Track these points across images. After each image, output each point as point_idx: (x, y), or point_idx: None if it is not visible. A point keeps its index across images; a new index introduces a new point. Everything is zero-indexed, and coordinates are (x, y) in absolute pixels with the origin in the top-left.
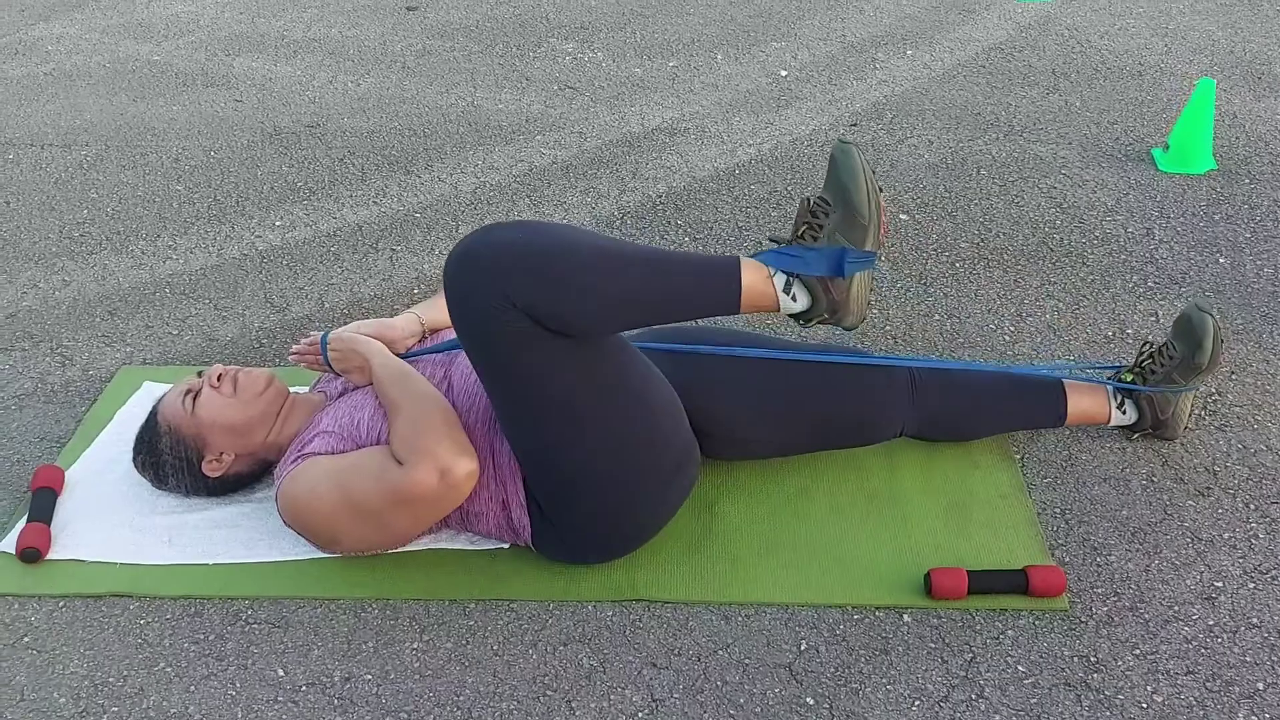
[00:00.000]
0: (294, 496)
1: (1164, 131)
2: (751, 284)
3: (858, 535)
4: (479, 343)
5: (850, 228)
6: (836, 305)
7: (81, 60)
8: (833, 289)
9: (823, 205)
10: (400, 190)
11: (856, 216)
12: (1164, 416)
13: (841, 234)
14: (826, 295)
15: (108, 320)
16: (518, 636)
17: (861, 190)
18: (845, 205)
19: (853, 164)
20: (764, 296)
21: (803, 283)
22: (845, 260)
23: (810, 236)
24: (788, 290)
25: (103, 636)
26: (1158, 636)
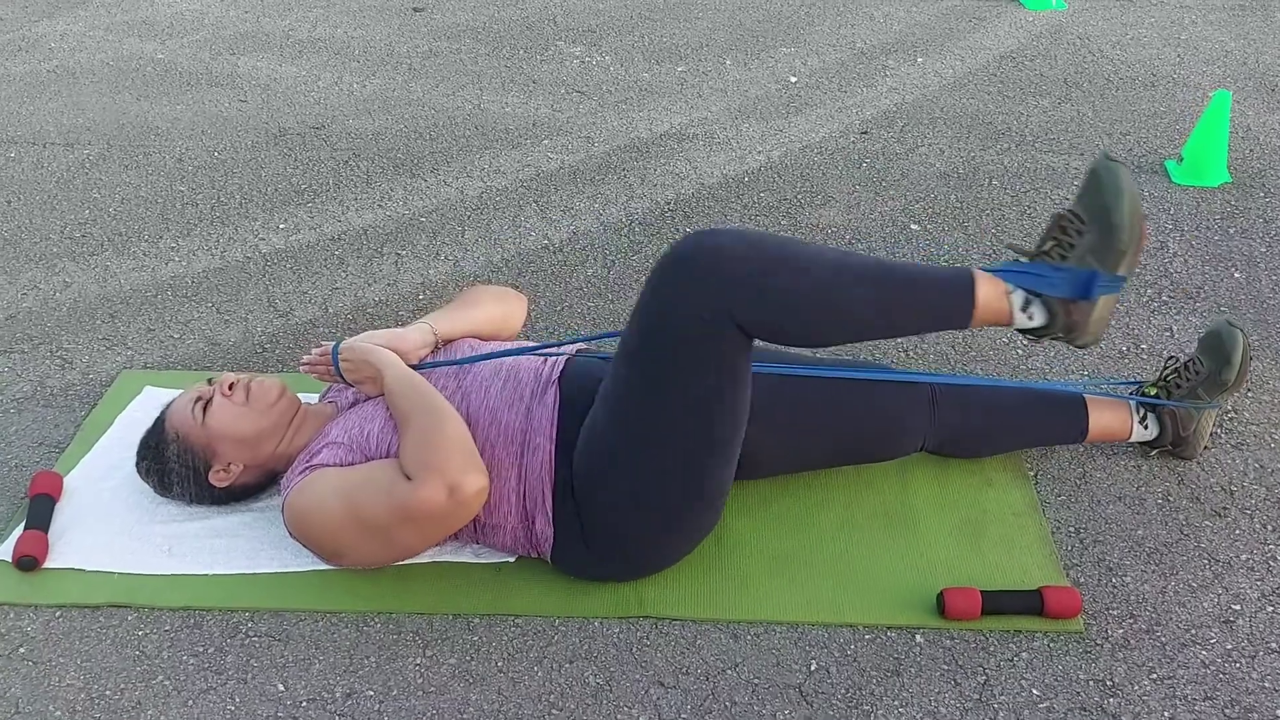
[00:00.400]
0: (300, 508)
1: (1177, 143)
2: (987, 300)
3: (869, 553)
4: (662, 348)
5: (1105, 251)
6: (1074, 326)
7: (85, 58)
8: (1074, 310)
9: (1075, 222)
10: (405, 194)
11: (1115, 240)
12: (1185, 433)
13: (1094, 256)
14: (1066, 315)
15: (109, 323)
16: (523, 653)
17: (1125, 213)
18: (1103, 226)
19: (1119, 184)
20: (998, 314)
21: (1043, 301)
22: (1095, 284)
23: (1058, 254)
24: (1025, 308)
25: (100, 648)
26: (1175, 660)
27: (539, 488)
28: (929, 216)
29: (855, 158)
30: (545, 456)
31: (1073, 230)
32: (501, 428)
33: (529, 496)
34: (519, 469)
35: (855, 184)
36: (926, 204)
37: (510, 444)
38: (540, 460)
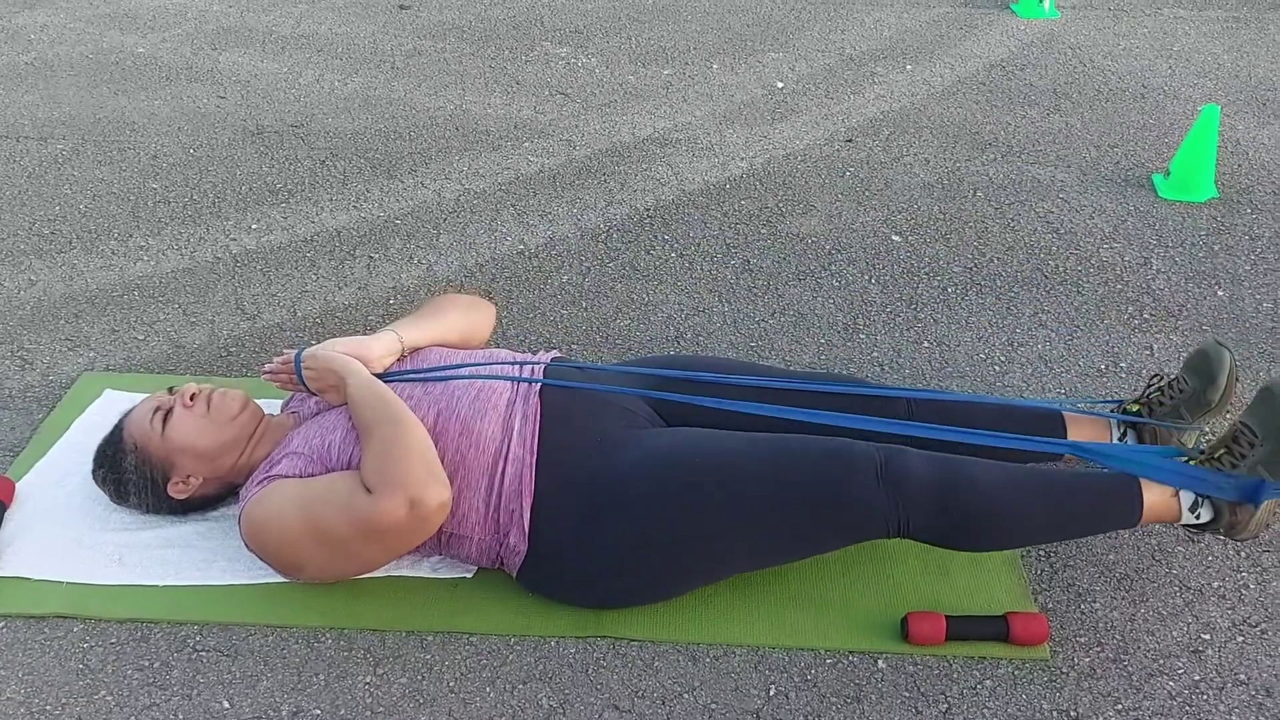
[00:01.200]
0: (258, 520)
1: (1166, 157)
2: (1154, 504)
3: (833, 575)
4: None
5: (1276, 464)
6: (1236, 525)
7: (64, 50)
8: (1239, 512)
9: (1248, 434)
10: (382, 195)
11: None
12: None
13: (1265, 467)
14: (1231, 515)
15: (72, 323)
16: (475, 673)
17: None
18: (1277, 443)
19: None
20: (1167, 513)
21: (1211, 502)
22: (1263, 492)
23: (1229, 462)
24: (1194, 509)
25: (43, 660)
26: (1141, 691)
27: (516, 500)
28: (911, 228)
29: (839, 166)
30: (525, 469)
31: (1245, 443)
32: (473, 438)
33: (503, 509)
34: (490, 480)
35: (838, 193)
36: (909, 215)
37: (482, 454)
38: (519, 472)
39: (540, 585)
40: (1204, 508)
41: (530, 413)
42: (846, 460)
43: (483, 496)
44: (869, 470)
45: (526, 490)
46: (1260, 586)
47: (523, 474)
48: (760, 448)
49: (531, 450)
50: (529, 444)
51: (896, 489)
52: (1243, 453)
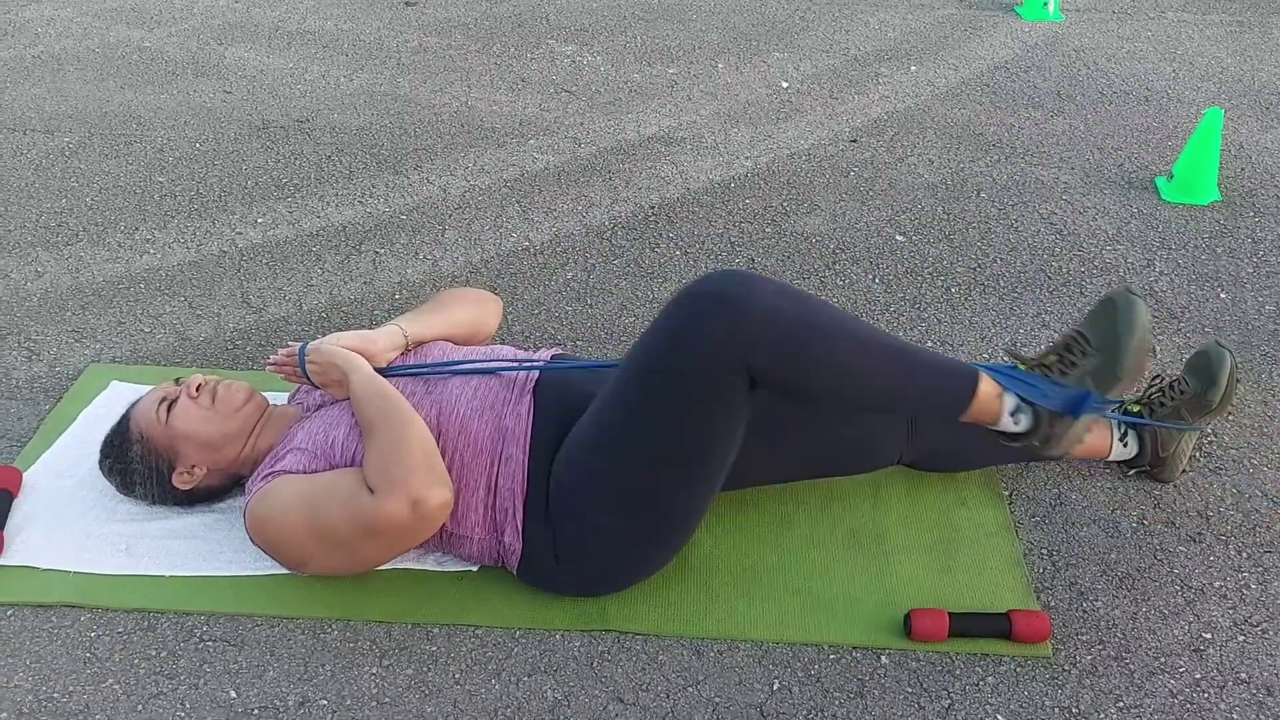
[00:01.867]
0: (262, 516)
1: (1169, 159)
2: (984, 398)
3: (837, 571)
4: (668, 371)
5: (1104, 376)
6: (1050, 438)
7: (71, 44)
8: (1057, 424)
9: (1082, 344)
10: (387, 190)
11: (1117, 369)
12: (1164, 454)
13: (1092, 379)
14: (1048, 426)
15: (79, 315)
16: (481, 665)
17: (1133, 347)
18: (1109, 354)
19: (1135, 319)
20: (988, 413)
21: (1033, 410)
22: (1086, 404)
23: (1059, 370)
24: (1014, 412)
25: (51, 649)
26: (1142, 689)
27: (510, 500)
28: (915, 228)
29: (843, 166)
30: (518, 468)
31: (1078, 350)
32: (471, 437)
33: (498, 508)
34: (488, 480)
35: (842, 193)
36: (913, 215)
37: (480, 454)
38: (512, 471)
39: (540, 581)
40: (1024, 414)
41: (524, 412)
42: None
43: (481, 497)
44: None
45: (519, 490)
46: (1261, 586)
47: (515, 473)
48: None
49: (525, 450)
50: (522, 443)
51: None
52: (1074, 361)
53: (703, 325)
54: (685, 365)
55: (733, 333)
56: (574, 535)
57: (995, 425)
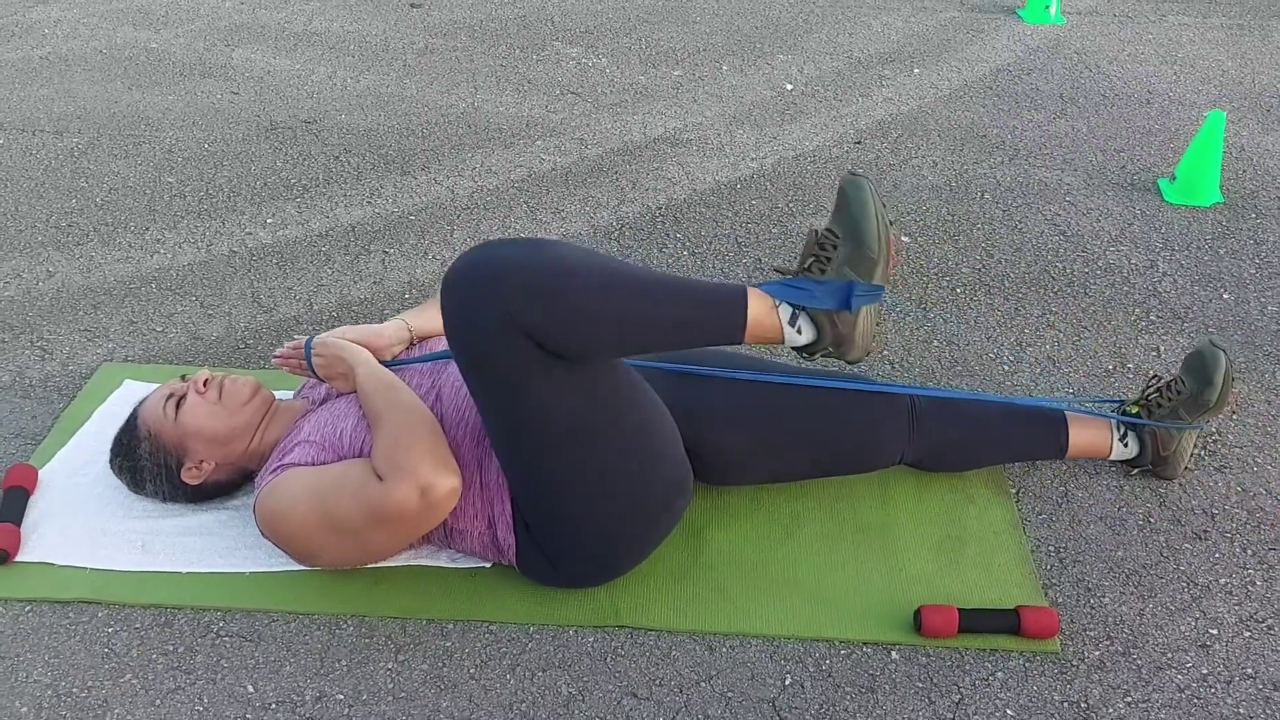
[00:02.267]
0: (272, 509)
1: (1171, 161)
2: (757, 315)
3: (847, 568)
4: (476, 361)
5: (859, 261)
6: (841, 339)
7: (78, 45)
8: (839, 323)
9: (831, 237)
10: (395, 191)
11: (866, 250)
12: (1165, 453)
13: (850, 267)
14: (832, 329)
15: (91, 314)
16: (496, 660)
17: (871, 224)
18: (854, 238)
19: (863, 197)
20: (769, 329)
21: (809, 316)
22: (853, 294)
23: (818, 269)
24: (793, 323)
25: (69, 645)
26: (1150, 684)
27: (498, 494)
28: (920, 229)
29: (848, 167)
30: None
31: (829, 245)
32: (469, 428)
33: (491, 502)
34: (481, 474)
35: None
36: (917, 216)
37: (476, 446)
38: (497, 466)
39: (539, 576)
40: (804, 322)
41: None
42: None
43: (477, 490)
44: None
45: (506, 483)
46: (1267, 584)
47: (503, 469)
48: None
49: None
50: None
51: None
52: (828, 256)
53: (464, 302)
54: (474, 347)
55: (487, 297)
56: (550, 541)
57: (780, 341)
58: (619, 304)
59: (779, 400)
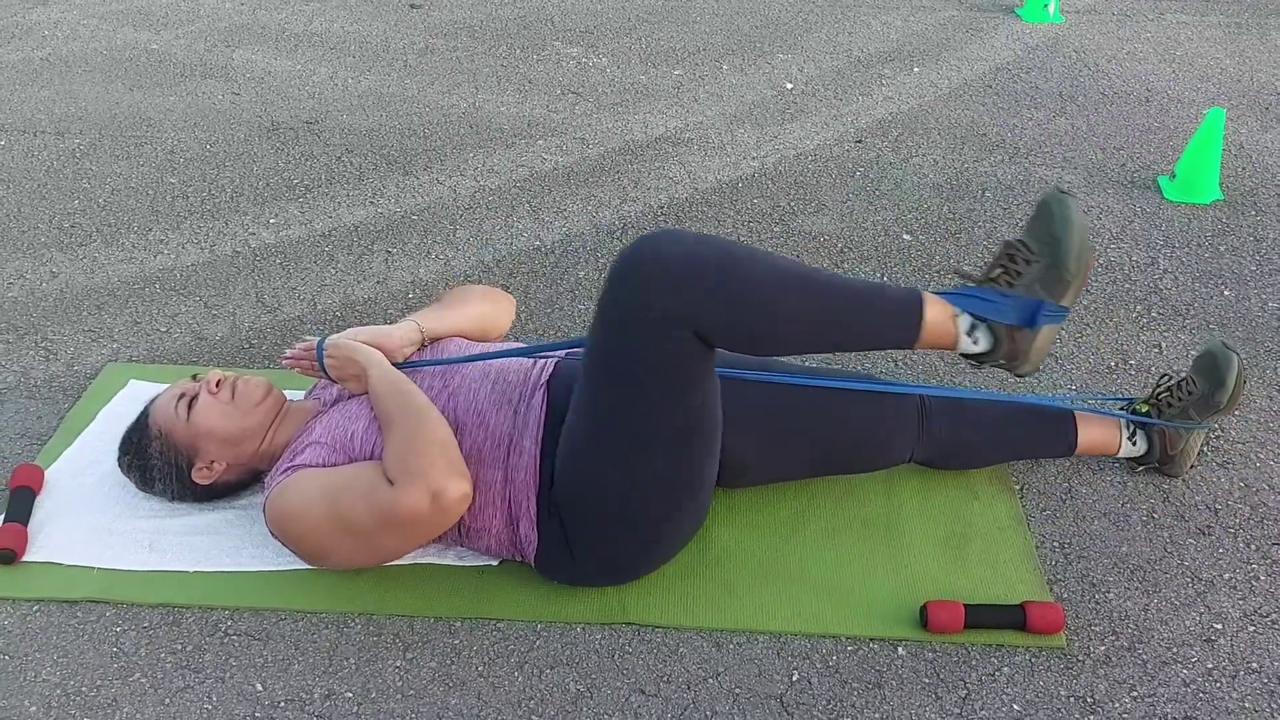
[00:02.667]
0: (282, 509)
1: (1170, 159)
2: (934, 321)
3: (853, 564)
4: (617, 353)
5: (1052, 281)
6: (1016, 353)
7: (79, 46)
8: (1018, 338)
9: (1024, 251)
10: (398, 191)
11: (1062, 271)
12: (1173, 452)
13: (1041, 285)
14: (1009, 343)
15: (95, 315)
16: (504, 658)
17: (1073, 245)
18: (1052, 258)
19: (1069, 216)
20: (944, 336)
21: (988, 326)
22: (1040, 313)
23: (1005, 281)
24: (970, 332)
25: (77, 644)
26: (1156, 679)
27: (524, 492)
28: (921, 227)
29: (849, 166)
30: (530, 460)
31: (1021, 259)
32: (489, 430)
33: (514, 500)
34: (505, 472)
35: (849, 193)
36: (919, 214)
37: (497, 446)
38: (525, 464)
39: (558, 573)
40: (981, 333)
41: (537, 404)
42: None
43: (498, 489)
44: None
45: (532, 482)
46: (1271, 578)
47: (528, 466)
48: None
49: (537, 442)
50: (535, 435)
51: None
52: (1019, 270)
53: (631, 295)
54: (631, 339)
55: (659, 290)
56: (582, 527)
57: (954, 348)
58: (794, 302)
59: (788, 401)
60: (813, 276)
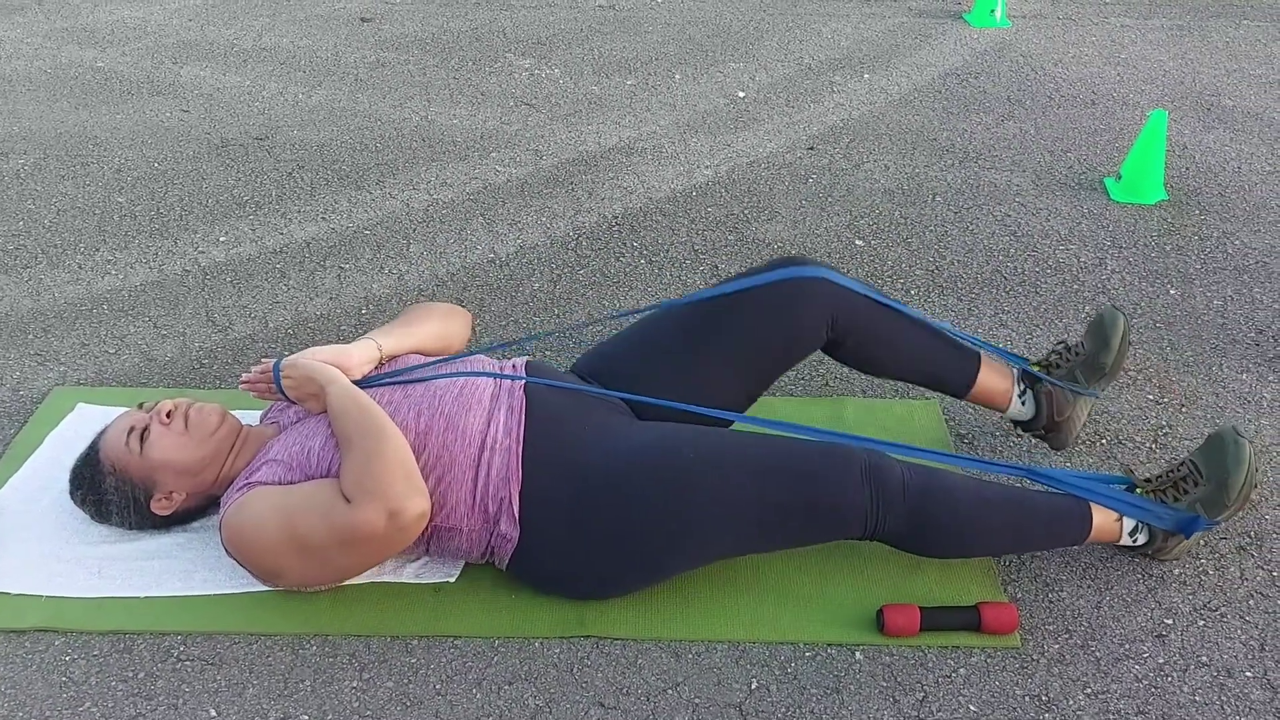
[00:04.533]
0: (237, 527)
1: (1116, 161)
2: (1101, 525)
3: (810, 570)
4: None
5: (1213, 504)
6: (1164, 550)
7: (22, 65)
8: (1170, 540)
9: (1195, 474)
10: (350, 206)
11: (1224, 498)
12: (1059, 419)
13: (1202, 505)
14: (1163, 541)
15: (41, 338)
16: (461, 675)
17: (1240, 479)
18: (1220, 486)
19: (1242, 456)
20: (1109, 534)
21: (1149, 528)
22: (1197, 527)
23: (1171, 495)
24: (1133, 533)
25: (25, 675)
26: (1109, 675)
27: (504, 488)
28: (873, 232)
29: (802, 173)
30: (511, 456)
31: (1191, 481)
32: (459, 430)
33: (491, 497)
34: (476, 470)
35: (801, 199)
36: (871, 220)
37: (468, 445)
38: (505, 460)
39: (529, 575)
40: (1141, 533)
41: (515, 404)
42: (838, 462)
43: (469, 488)
44: (857, 470)
45: (514, 477)
46: (1219, 572)
47: (509, 461)
48: (754, 445)
49: (517, 439)
50: (515, 432)
51: (879, 488)
52: (1186, 489)
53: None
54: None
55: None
56: (589, 529)
57: (1116, 542)
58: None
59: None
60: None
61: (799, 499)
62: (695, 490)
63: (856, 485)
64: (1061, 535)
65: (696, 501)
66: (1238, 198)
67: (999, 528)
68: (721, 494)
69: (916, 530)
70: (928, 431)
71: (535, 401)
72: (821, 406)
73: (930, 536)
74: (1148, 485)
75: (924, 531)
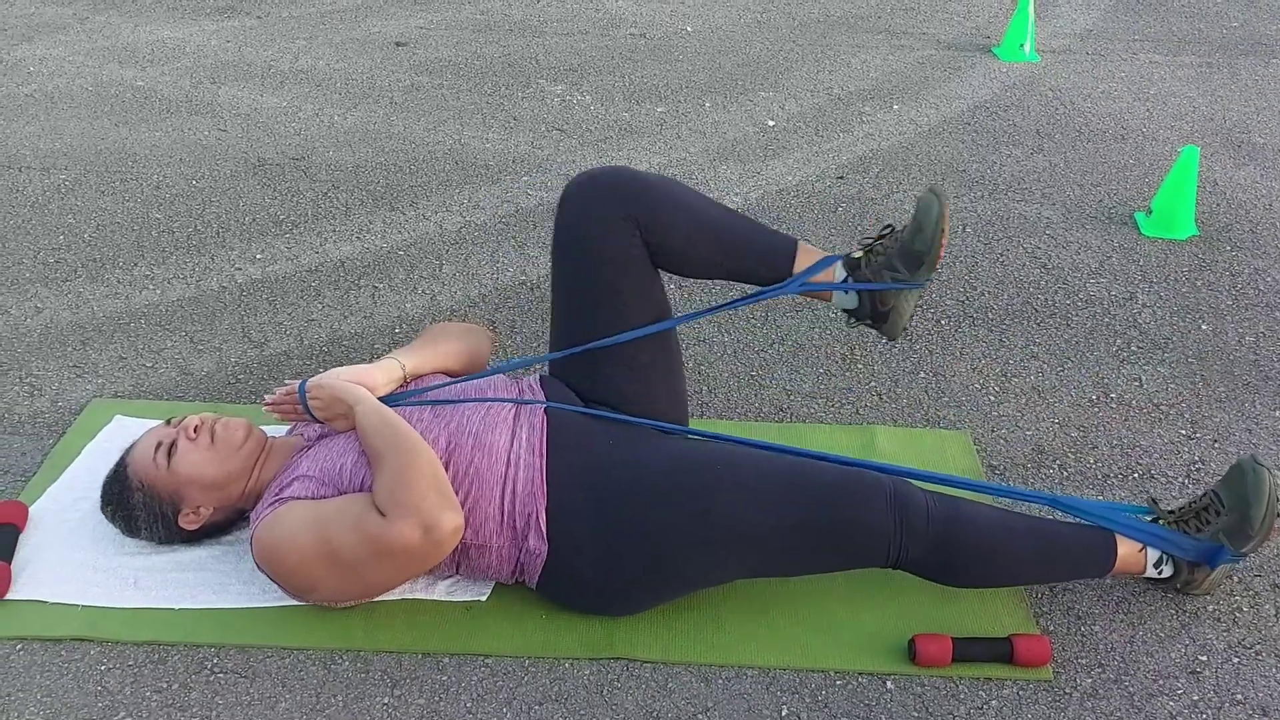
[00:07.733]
0: (270, 542)
1: (1146, 195)
2: (1125, 556)
3: (842, 598)
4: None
5: (1237, 535)
6: (1191, 582)
7: (64, 83)
8: (1196, 571)
9: (1217, 504)
10: (384, 227)
11: (1247, 528)
12: (884, 308)
13: (1225, 535)
14: (1189, 573)
15: (80, 350)
16: (492, 694)
17: (1262, 511)
18: (1241, 516)
19: (1263, 487)
20: (1134, 566)
21: (1174, 560)
22: (1220, 557)
23: (1195, 526)
24: (1158, 565)
25: (61, 683)
26: (1142, 711)
27: (530, 503)
28: None
29: (831, 202)
30: (535, 472)
31: (1213, 511)
32: (485, 448)
33: (518, 514)
34: (504, 485)
35: (831, 228)
36: None
37: (495, 462)
38: (530, 476)
39: (559, 593)
40: (1166, 565)
41: (537, 422)
42: (862, 483)
43: (497, 504)
44: (881, 495)
45: (539, 492)
46: (1254, 610)
47: (533, 477)
48: (778, 462)
49: (540, 454)
50: (537, 448)
51: (902, 516)
52: (1209, 520)
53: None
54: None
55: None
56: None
57: (1141, 575)
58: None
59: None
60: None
61: (824, 520)
62: (721, 504)
63: (881, 510)
64: (1086, 566)
65: (722, 515)
66: (1269, 234)
67: (1023, 557)
68: (747, 510)
69: (940, 558)
70: (958, 461)
71: (555, 418)
72: (851, 435)
73: (954, 564)
74: (1170, 516)
75: (948, 560)
